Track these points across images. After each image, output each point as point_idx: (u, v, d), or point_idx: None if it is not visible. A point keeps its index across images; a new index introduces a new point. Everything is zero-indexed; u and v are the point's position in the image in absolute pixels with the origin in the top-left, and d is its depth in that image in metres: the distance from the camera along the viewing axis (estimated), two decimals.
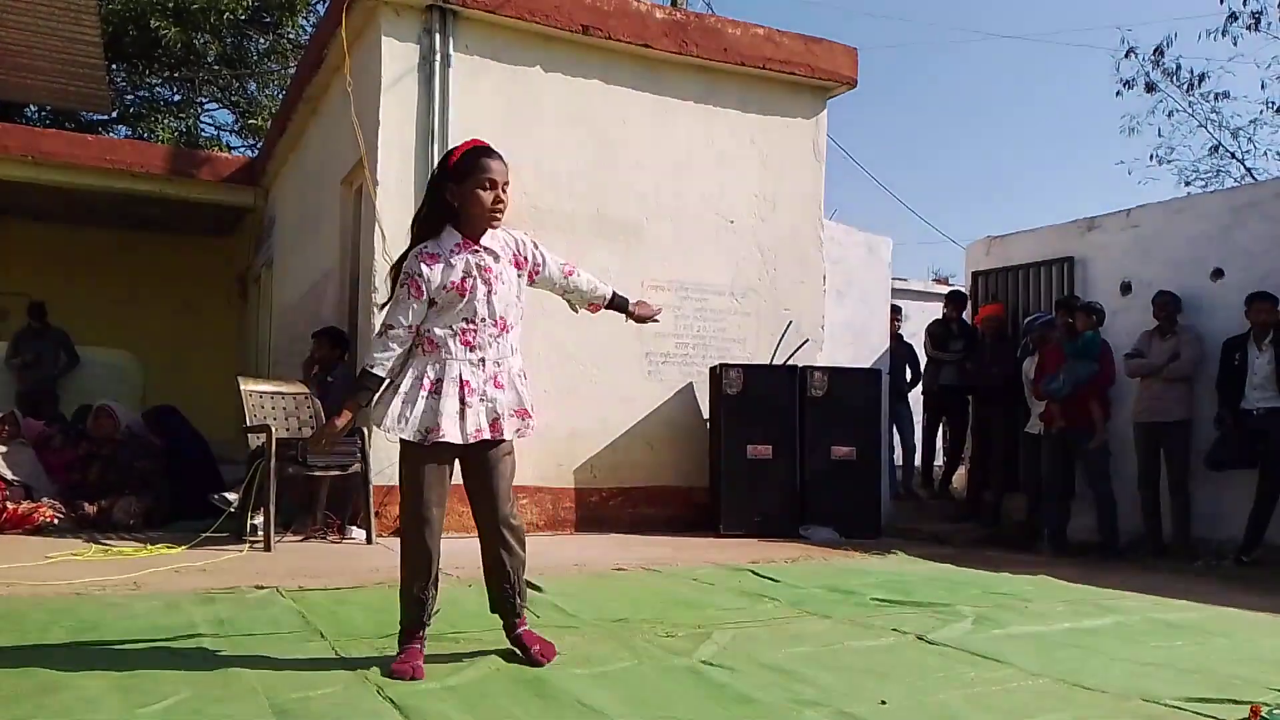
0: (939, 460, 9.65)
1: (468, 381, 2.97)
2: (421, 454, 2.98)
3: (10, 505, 6.13)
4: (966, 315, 9.17)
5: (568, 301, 3.41)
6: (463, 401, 2.95)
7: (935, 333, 9.19)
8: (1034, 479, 7.42)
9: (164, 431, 7.17)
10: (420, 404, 2.94)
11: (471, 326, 2.98)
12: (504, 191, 3.02)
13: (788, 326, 7.70)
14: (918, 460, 9.57)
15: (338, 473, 6.02)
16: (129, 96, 16.81)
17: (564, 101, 7.11)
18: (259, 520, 5.75)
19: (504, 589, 3.13)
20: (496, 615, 3.20)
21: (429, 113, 6.67)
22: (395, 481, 6.51)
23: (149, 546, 5.44)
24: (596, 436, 7.05)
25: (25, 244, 11.90)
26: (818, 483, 7.14)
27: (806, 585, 4.72)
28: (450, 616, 3.60)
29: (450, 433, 2.93)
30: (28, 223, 12.02)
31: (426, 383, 2.95)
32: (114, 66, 15.00)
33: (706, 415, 7.35)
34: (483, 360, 3.00)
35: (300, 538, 6.08)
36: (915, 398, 9.49)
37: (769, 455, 7.06)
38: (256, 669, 2.90)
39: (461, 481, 3.13)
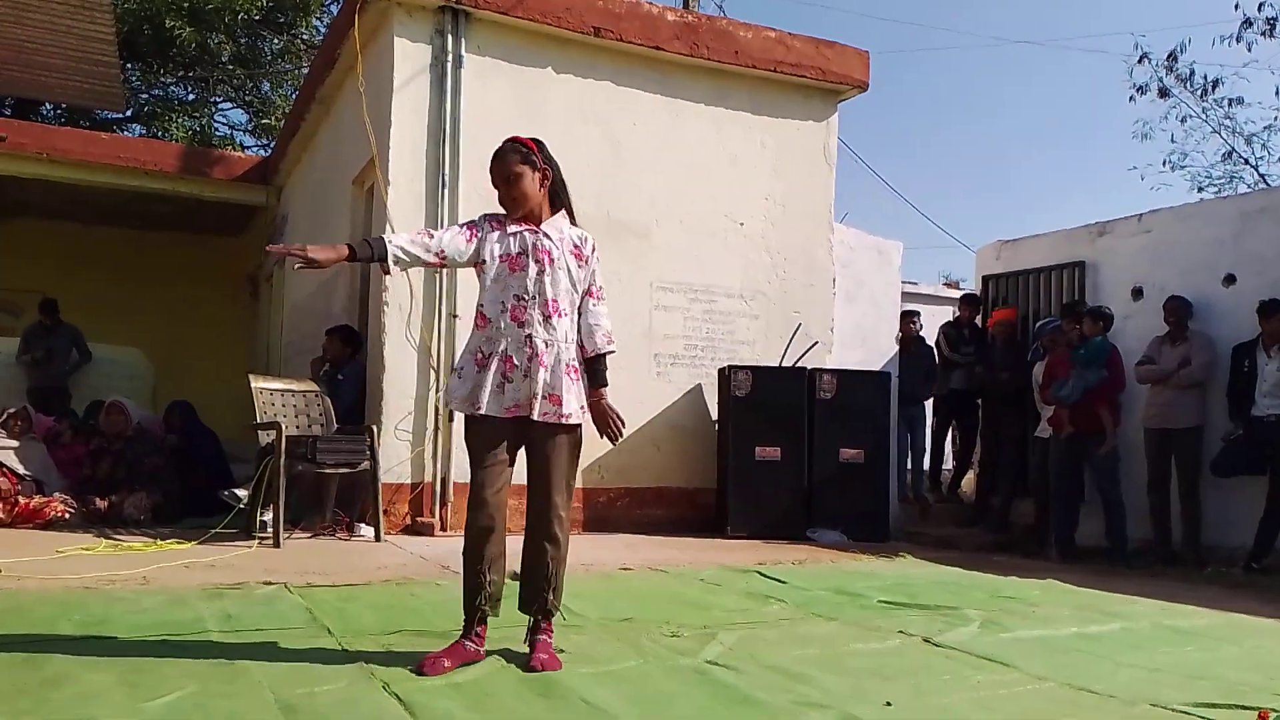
0: (948, 464, 9.62)
1: (511, 357, 3.02)
2: (477, 432, 3.05)
3: (22, 500, 6.16)
4: (978, 319, 9.15)
5: None
6: (504, 376, 3.01)
7: (949, 334, 9.17)
8: (1043, 484, 7.40)
9: (177, 427, 7.20)
10: (471, 378, 3.03)
11: (521, 304, 3.05)
12: (508, 184, 3.12)
13: (797, 329, 7.69)
14: (926, 464, 9.54)
15: (347, 470, 6.04)
16: (143, 96, 16.89)
17: (575, 103, 7.12)
18: (268, 517, 5.77)
19: (540, 583, 3.11)
20: (523, 613, 3.16)
21: (440, 113, 6.69)
22: (404, 480, 6.58)
23: (158, 542, 5.46)
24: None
25: (38, 242, 11.96)
26: (826, 485, 7.13)
27: (813, 587, 4.72)
28: (457, 615, 3.60)
29: (488, 406, 2.99)
30: (41, 220, 12.08)
31: (478, 357, 3.04)
32: (128, 66, 15.07)
33: (715, 417, 7.35)
34: (529, 338, 3.04)
35: (309, 535, 6.10)
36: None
37: (777, 457, 7.06)
38: (263, 664, 2.90)
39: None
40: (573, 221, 3.26)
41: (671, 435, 7.30)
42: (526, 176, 3.13)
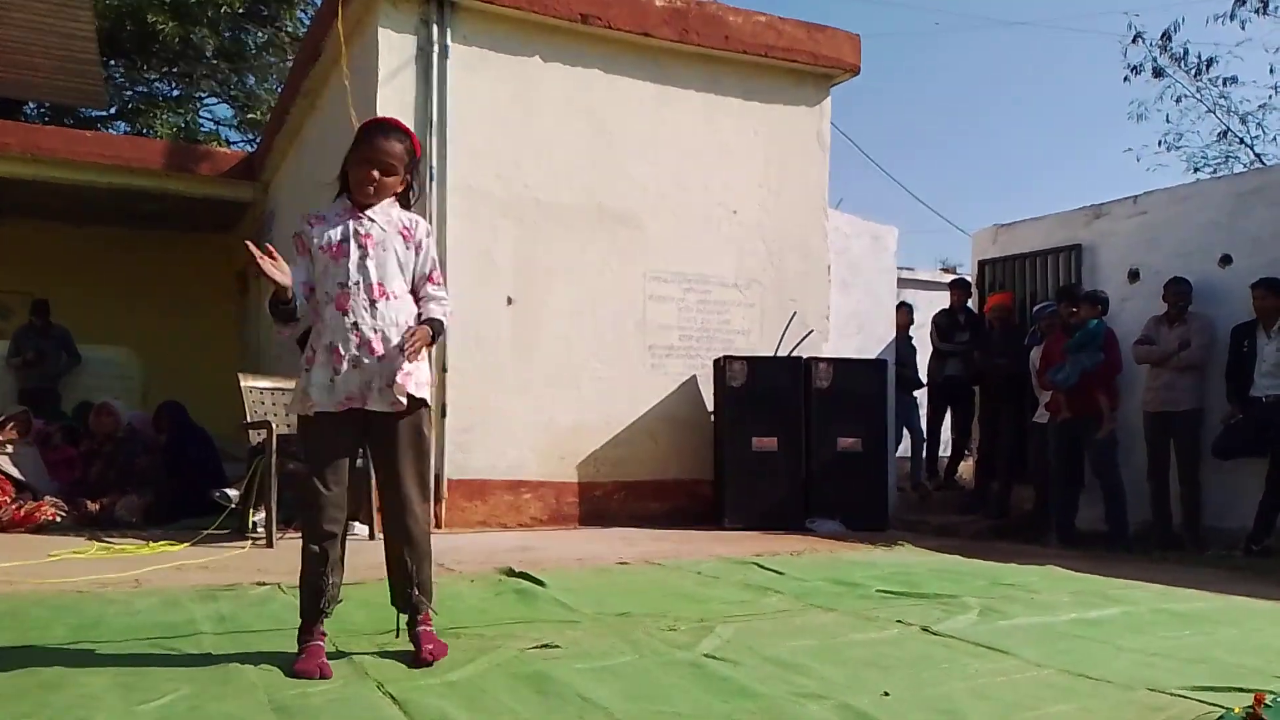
0: (944, 451, 9.66)
1: (337, 348, 2.93)
2: (312, 429, 2.94)
3: (15, 506, 6.16)
4: (972, 303, 9.17)
5: None
6: (334, 369, 2.92)
7: (941, 324, 9.19)
8: (1042, 469, 7.42)
9: (168, 427, 7.20)
10: (303, 377, 2.97)
11: (344, 291, 2.94)
12: (382, 174, 2.98)
13: (792, 317, 7.70)
14: (924, 452, 9.57)
15: None
16: (127, 92, 16.83)
17: (564, 92, 7.11)
18: (260, 517, 5.78)
19: (404, 583, 3.02)
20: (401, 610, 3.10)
21: (427, 105, 6.68)
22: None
23: (150, 544, 5.46)
24: (600, 430, 7.07)
25: (25, 242, 11.93)
26: (823, 474, 7.15)
27: (811, 578, 4.74)
28: (451, 612, 3.63)
29: (321, 402, 2.91)
30: (28, 221, 12.05)
31: (309, 355, 2.98)
32: (111, 62, 15.03)
33: (711, 408, 7.36)
34: (355, 325, 2.93)
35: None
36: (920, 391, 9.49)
37: (774, 447, 7.08)
38: (257, 665, 2.91)
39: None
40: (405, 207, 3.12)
41: (667, 427, 7.31)
42: (398, 175, 3.02)
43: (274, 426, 5.80)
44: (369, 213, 3.01)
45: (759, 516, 6.91)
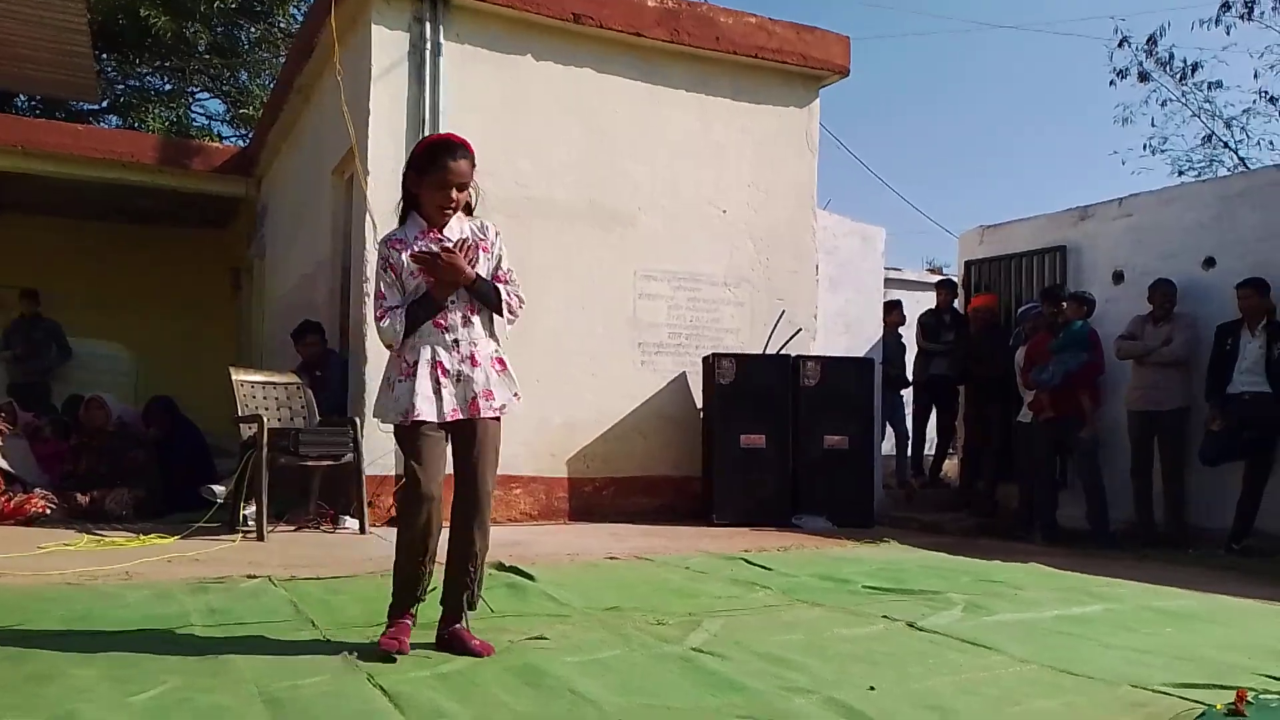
0: (929, 450, 9.69)
1: (441, 362, 3.04)
2: (412, 433, 3.03)
3: (4, 498, 6.12)
4: (958, 304, 9.20)
5: None
6: (437, 382, 3.02)
7: (927, 324, 9.21)
8: (1026, 468, 7.44)
9: (159, 422, 7.16)
10: (398, 388, 3.03)
11: (443, 310, 3.05)
12: (457, 191, 3.08)
13: (780, 316, 7.71)
14: (909, 450, 9.59)
15: (330, 463, 6.03)
16: (119, 86, 16.73)
17: (556, 91, 7.10)
18: (251, 510, 5.76)
19: (466, 571, 3.09)
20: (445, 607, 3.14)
21: (420, 102, 6.66)
22: (388, 471, 6.57)
23: (141, 537, 5.44)
24: (590, 427, 7.07)
25: (17, 237, 11.83)
26: (811, 472, 7.16)
27: (799, 573, 4.74)
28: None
29: (426, 412, 3.00)
30: (20, 216, 11.97)
31: (404, 367, 3.04)
32: (104, 56, 14.93)
33: (700, 405, 7.37)
34: (456, 341, 3.06)
35: (293, 528, 6.09)
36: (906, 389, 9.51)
37: (762, 444, 7.08)
38: (248, 658, 2.91)
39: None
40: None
41: (657, 424, 7.31)
42: (468, 190, 3.12)
43: (265, 420, 5.78)
44: (445, 232, 3.11)
45: (747, 513, 6.91)
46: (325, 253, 7.84)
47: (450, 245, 3.05)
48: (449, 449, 3.13)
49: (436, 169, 3.04)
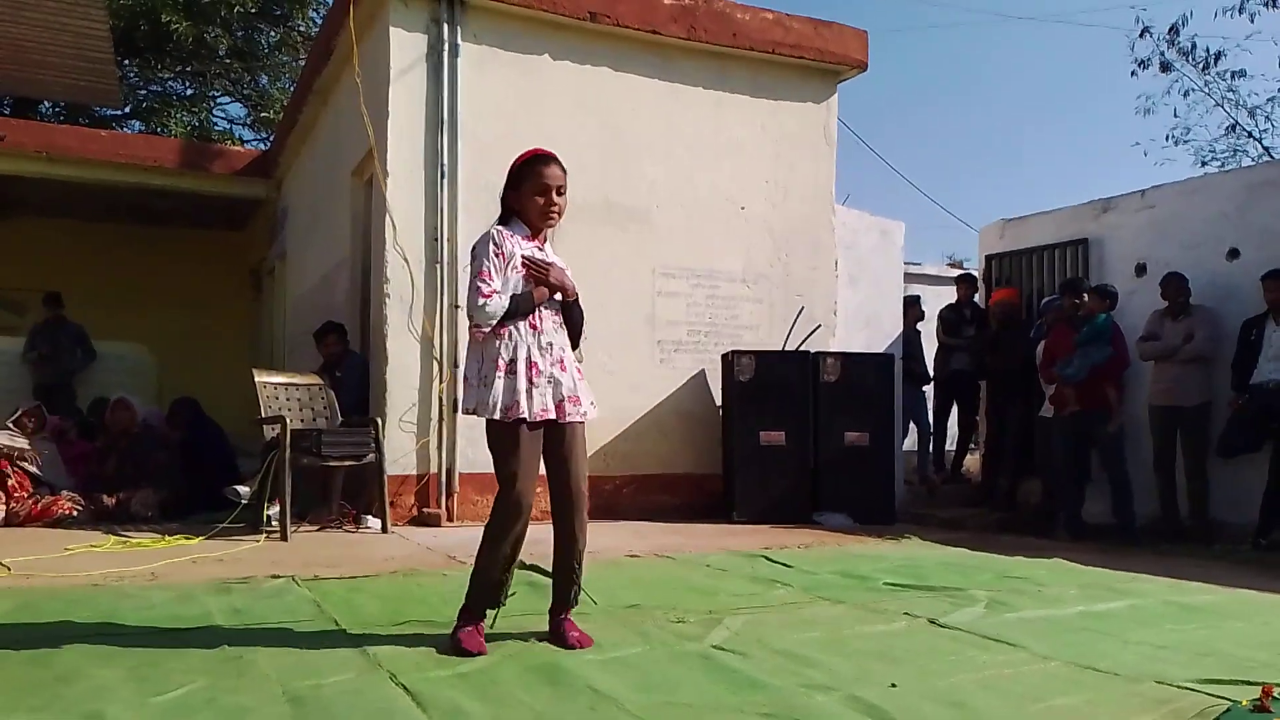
0: (950, 445, 9.64)
1: (535, 363, 3.11)
2: (511, 433, 3.07)
3: (32, 500, 6.19)
4: (979, 298, 9.15)
5: None
6: (530, 381, 3.08)
7: (947, 319, 9.16)
8: (1049, 463, 7.38)
9: (183, 424, 7.23)
10: (498, 384, 3.07)
11: (537, 313, 3.13)
12: (557, 195, 3.20)
13: (800, 312, 7.69)
14: (931, 446, 9.55)
15: (353, 463, 6.06)
16: (141, 91, 16.86)
17: (573, 89, 7.11)
18: (275, 511, 5.80)
19: (573, 576, 3.20)
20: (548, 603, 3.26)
21: (438, 102, 6.68)
22: (409, 471, 6.60)
23: (166, 538, 5.49)
24: (610, 425, 7.07)
25: (40, 240, 11.99)
26: (831, 468, 7.14)
27: (819, 571, 4.73)
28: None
29: (525, 410, 3.06)
30: (43, 218, 12.10)
31: (501, 364, 3.09)
32: (125, 61, 15.06)
33: (719, 402, 7.36)
34: (550, 345, 3.14)
35: (316, 528, 6.13)
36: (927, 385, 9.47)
37: (782, 441, 7.07)
38: (271, 657, 2.93)
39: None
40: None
41: (676, 421, 7.31)
42: (565, 191, 3.24)
43: (288, 421, 5.82)
44: (545, 247, 3.25)
45: (767, 510, 6.90)
46: (345, 253, 7.88)
47: (558, 264, 3.19)
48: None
49: (534, 177, 3.16)
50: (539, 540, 3.37)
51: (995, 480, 8.46)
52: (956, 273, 11.10)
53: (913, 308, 9.27)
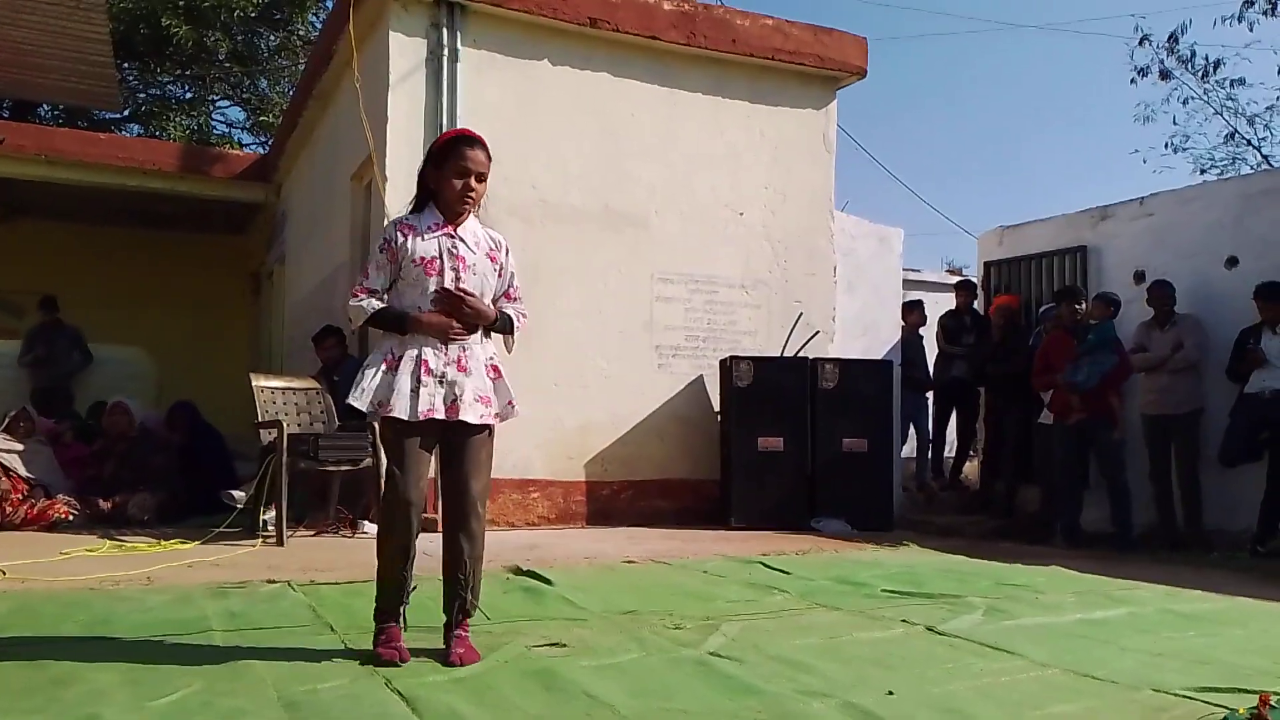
0: (949, 452, 9.64)
1: (426, 361, 3.02)
2: (397, 432, 3.02)
3: (27, 504, 6.18)
4: (978, 305, 9.16)
5: None
6: (418, 380, 3.01)
7: (947, 325, 9.17)
8: (1047, 470, 7.39)
9: (181, 427, 7.22)
10: (377, 378, 3.03)
11: (435, 308, 3.04)
12: (477, 181, 3.09)
13: (798, 318, 7.69)
14: (930, 452, 9.55)
15: (349, 467, 6.05)
16: (141, 95, 16.87)
17: (572, 94, 7.11)
18: (271, 515, 5.79)
19: (457, 580, 3.08)
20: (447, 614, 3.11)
21: (437, 108, 6.69)
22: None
23: (163, 542, 5.47)
24: (607, 430, 7.07)
25: (39, 243, 11.97)
26: (829, 474, 7.14)
27: (817, 577, 4.73)
28: None
29: (399, 409, 2.98)
30: (42, 221, 12.08)
31: (388, 359, 3.04)
32: (125, 65, 15.06)
33: (717, 408, 7.36)
34: (445, 345, 3.05)
35: (313, 532, 6.12)
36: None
37: (780, 447, 7.07)
38: (267, 662, 2.92)
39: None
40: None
41: (674, 427, 7.31)
42: (485, 184, 3.14)
43: (285, 426, 5.81)
44: (460, 231, 3.11)
45: (765, 516, 6.90)
46: (344, 258, 7.88)
47: (473, 293, 3.07)
48: (436, 454, 3.12)
49: (456, 158, 3.06)
50: (537, 546, 3.36)
51: (993, 487, 8.46)
52: (955, 279, 11.09)
53: (914, 312, 9.27)
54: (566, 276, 6.95)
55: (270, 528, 5.79)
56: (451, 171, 3.06)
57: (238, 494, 6.10)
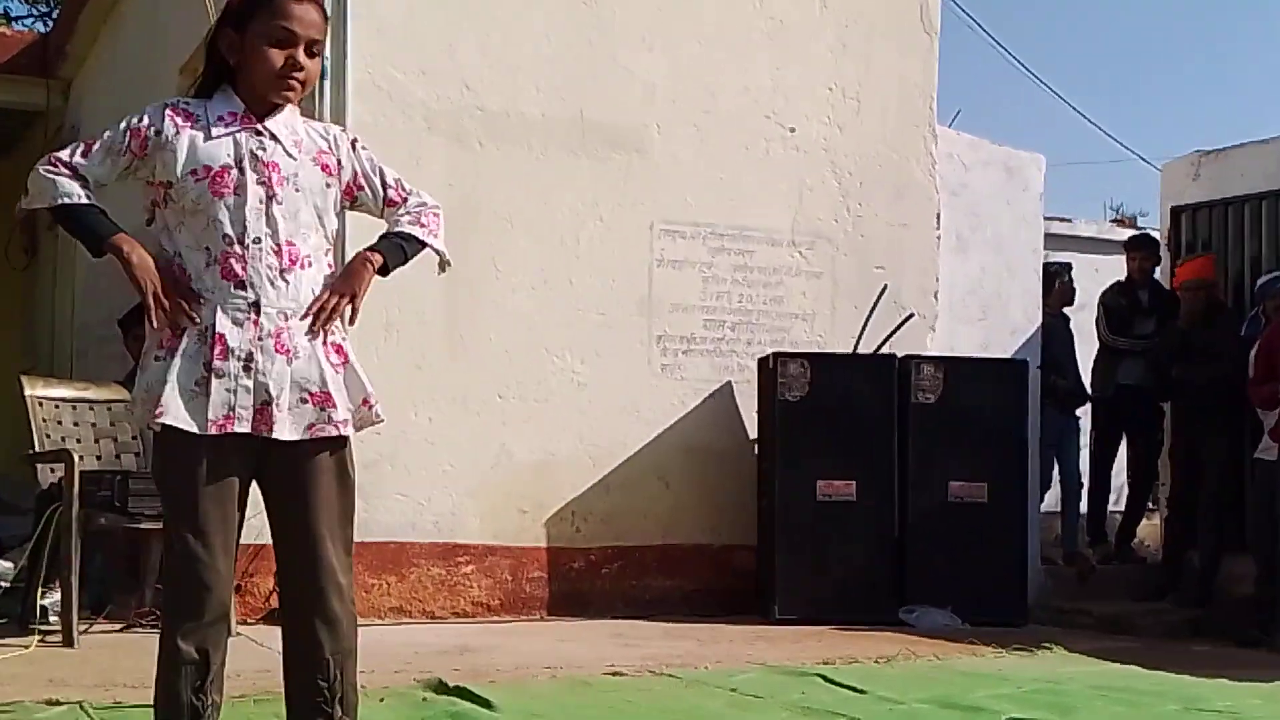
0: (1115, 504, 9.65)
1: (223, 335, 2.83)
2: (175, 458, 2.88)
3: None
4: (1161, 274, 9.16)
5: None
6: (208, 367, 2.83)
7: (1114, 307, 9.17)
8: (1270, 533, 7.39)
9: None
10: (152, 369, 2.87)
11: (237, 250, 2.86)
12: (306, 54, 2.94)
13: (881, 293, 7.70)
14: (1084, 504, 9.57)
15: None
16: None
17: None
18: (54, 600, 5.78)
19: (314, 689, 2.94)
20: None
21: None
22: (266, 539, 6.58)
23: None
24: (581, 468, 7.07)
25: None
26: (927, 539, 7.16)
27: (907, 699, 4.73)
28: None
29: (173, 411, 2.80)
30: None
31: (164, 337, 2.87)
32: None
33: (753, 433, 7.38)
34: (255, 306, 2.86)
35: (119, 626, 6.11)
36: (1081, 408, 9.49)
37: (851, 495, 7.08)
38: None
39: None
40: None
41: (685, 462, 7.32)
42: (318, 59, 3.01)
43: (76, 459, 5.80)
44: (269, 124, 2.96)
45: (826, 603, 6.91)
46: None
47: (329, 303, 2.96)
48: (250, 491, 3.00)
49: (272, 16, 2.89)
50: (470, 649, 3.36)
51: (1184, 557, 8.47)
52: (1127, 233, 11.10)
53: (1056, 285, 9.27)
54: (517, 227, 6.94)
55: (53, 618, 5.78)
56: (264, 37, 2.89)
57: (3, 564, 6.10)
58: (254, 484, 3.01)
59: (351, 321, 3.05)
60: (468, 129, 6.88)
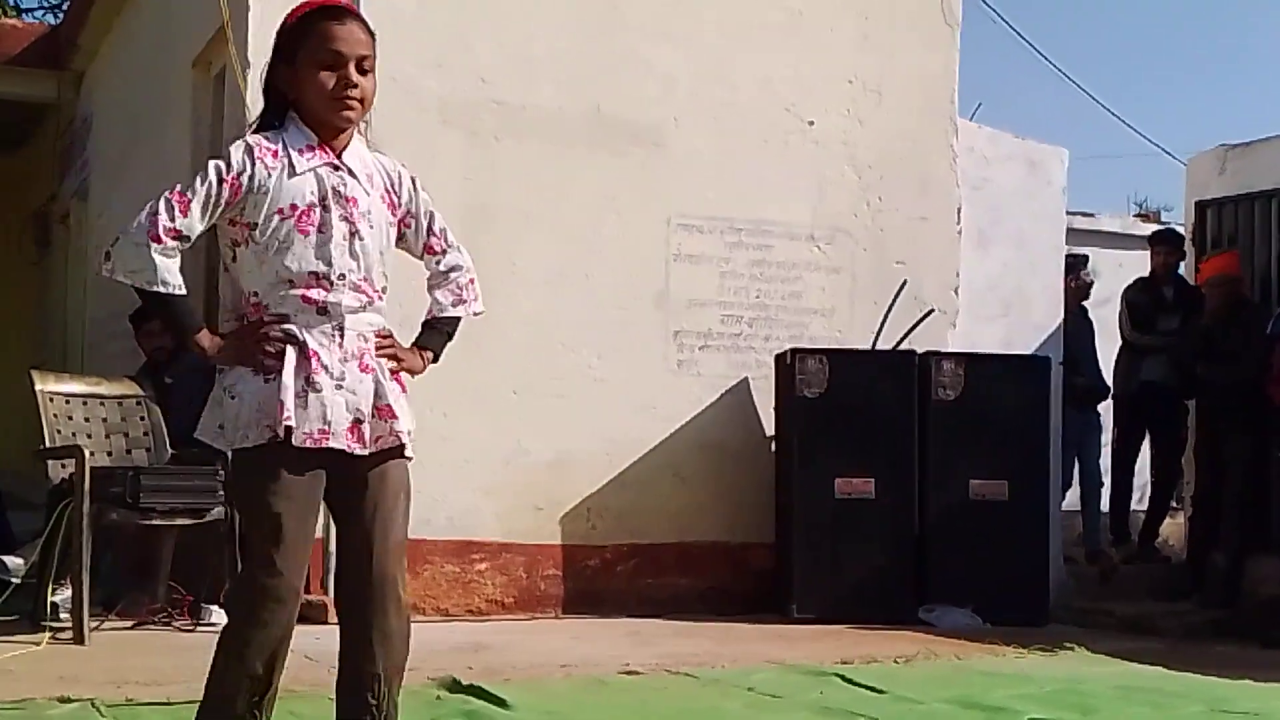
0: (1138, 502, 9.63)
1: (316, 352, 2.90)
2: (273, 466, 2.89)
3: None
4: (1186, 269, 9.14)
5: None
6: (308, 381, 2.89)
7: (1137, 302, 9.15)
8: None
9: None
10: (255, 394, 2.89)
11: (323, 283, 2.93)
12: (359, 70, 2.97)
13: (900, 289, 7.70)
14: (1106, 502, 9.55)
15: (188, 521, 6.05)
16: None
17: None
18: (65, 596, 5.80)
19: (365, 707, 2.97)
20: None
21: None
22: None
23: None
24: (597, 465, 7.08)
25: None
26: (947, 537, 7.16)
27: (927, 699, 4.74)
28: None
29: (298, 423, 2.85)
30: None
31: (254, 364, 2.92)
32: None
33: (771, 430, 7.38)
34: (340, 330, 2.94)
35: (130, 623, 6.13)
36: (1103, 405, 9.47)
37: (870, 493, 7.09)
38: None
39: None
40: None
41: (702, 460, 7.32)
42: (373, 69, 3.02)
43: (87, 455, 5.81)
44: (345, 158, 3.02)
45: (845, 602, 6.91)
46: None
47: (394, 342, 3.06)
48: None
49: (317, 42, 2.94)
50: (485, 646, 3.36)
51: (1208, 557, 8.45)
52: (1151, 228, 11.07)
53: (1077, 280, 9.25)
54: (533, 223, 6.94)
55: (64, 615, 5.79)
56: (314, 64, 2.94)
57: (11, 561, 6.11)
58: None
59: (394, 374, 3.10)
60: (483, 122, 6.89)
